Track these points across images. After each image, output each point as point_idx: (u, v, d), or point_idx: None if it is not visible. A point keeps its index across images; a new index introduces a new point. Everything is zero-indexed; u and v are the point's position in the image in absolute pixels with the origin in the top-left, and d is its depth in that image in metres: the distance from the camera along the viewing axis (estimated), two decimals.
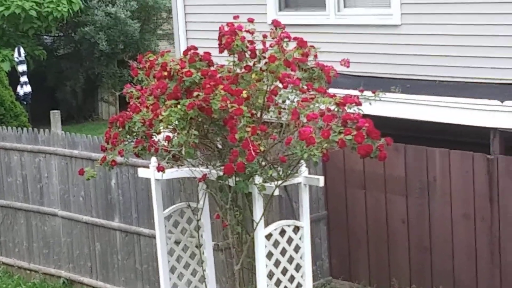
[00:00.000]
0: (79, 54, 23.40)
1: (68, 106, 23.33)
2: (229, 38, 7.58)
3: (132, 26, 22.85)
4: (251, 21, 7.63)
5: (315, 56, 7.88)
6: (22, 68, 19.25)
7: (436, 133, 10.23)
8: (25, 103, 18.23)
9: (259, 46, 7.68)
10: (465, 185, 9.40)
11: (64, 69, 23.44)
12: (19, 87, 18.93)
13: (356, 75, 10.73)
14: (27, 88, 19.05)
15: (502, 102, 9.29)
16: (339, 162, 10.24)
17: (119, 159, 7.98)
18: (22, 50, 19.45)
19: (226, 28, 7.64)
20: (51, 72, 23.31)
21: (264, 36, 7.66)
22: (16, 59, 19.33)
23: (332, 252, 10.61)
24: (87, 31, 22.48)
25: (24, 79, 19.15)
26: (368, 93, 7.60)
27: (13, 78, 17.71)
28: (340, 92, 7.83)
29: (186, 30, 13.31)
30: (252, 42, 7.62)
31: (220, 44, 7.58)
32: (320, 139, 7.00)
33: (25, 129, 11.54)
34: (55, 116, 11.19)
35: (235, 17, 7.61)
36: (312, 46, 7.89)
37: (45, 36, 23.87)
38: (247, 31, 7.66)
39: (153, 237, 9.55)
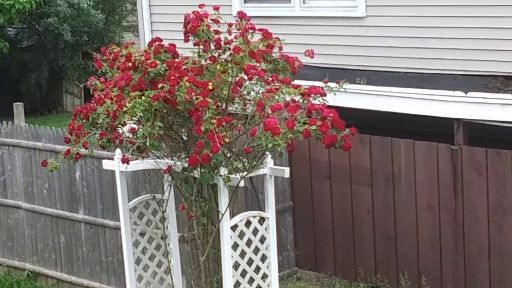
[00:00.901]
0: (43, 45, 23.20)
1: (32, 98, 23.13)
2: (194, 23, 7.53)
3: (96, 16, 22.68)
4: (216, 8, 7.59)
5: (280, 48, 7.87)
6: None
7: (401, 124, 10.27)
8: None
9: (224, 36, 7.65)
10: (430, 175, 9.47)
11: (27, 61, 23.22)
12: None
13: (321, 67, 10.77)
14: None
15: (466, 93, 9.36)
16: (304, 153, 10.27)
17: (83, 151, 7.92)
18: None
19: (191, 16, 7.60)
20: (14, 64, 23.09)
21: (230, 25, 7.64)
22: None
23: (298, 242, 10.65)
24: (50, 22, 22.28)
25: None
26: (333, 85, 7.61)
27: None
28: (305, 83, 7.83)
29: (151, 22, 13.24)
30: (217, 32, 7.59)
31: (185, 32, 7.52)
32: (284, 129, 7.00)
33: None
34: (18, 108, 11.11)
35: (201, 6, 7.56)
36: (277, 38, 7.88)
37: (8, 28, 23.63)
38: (213, 20, 7.62)
39: (118, 229, 9.51)
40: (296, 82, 7.84)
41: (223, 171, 7.31)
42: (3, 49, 21.31)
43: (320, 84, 7.61)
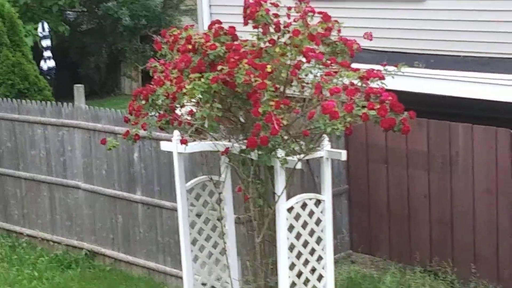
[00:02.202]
0: (102, 29, 23.48)
1: (91, 81, 23.43)
2: (253, 8, 7.57)
3: (154, 0, 22.85)
4: None
5: (339, 31, 7.86)
6: (46, 43, 19.34)
7: (460, 108, 10.20)
8: (48, 77, 18.31)
9: (283, 20, 7.67)
10: (488, 160, 9.38)
11: (87, 45, 23.52)
12: (42, 62, 19.03)
13: (379, 50, 10.73)
14: (51, 63, 19.16)
15: None
16: (361, 136, 10.25)
17: (142, 132, 8.01)
18: (46, 25, 19.53)
19: (251, 0, 7.64)
20: (74, 48, 23.41)
21: (289, 8, 7.66)
22: (40, 34, 19.42)
23: (353, 226, 10.65)
24: (109, 6, 22.53)
25: (47, 54, 19.25)
26: (391, 68, 7.58)
27: (36, 53, 17.78)
28: (363, 66, 7.81)
29: (210, 5, 13.31)
30: (276, 15, 7.61)
31: (245, 16, 7.57)
32: (343, 113, 7.00)
33: (49, 102, 11.62)
34: (79, 90, 11.26)
35: None
36: (336, 21, 7.87)
37: (68, 12, 23.94)
38: (272, 3, 7.65)
39: (175, 210, 9.60)
40: (354, 65, 7.83)
41: (281, 153, 7.33)
42: (64, 32, 21.62)
43: (378, 67, 7.60)
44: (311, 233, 7.80)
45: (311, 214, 7.79)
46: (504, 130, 9.28)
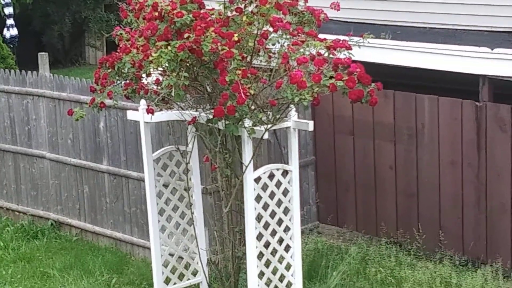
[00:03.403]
0: None
1: (55, 50, 23.20)
2: None
3: None
4: None
5: (305, 1, 7.83)
6: (8, 10, 19.07)
7: (425, 80, 10.25)
8: (11, 46, 18.09)
9: None
10: (453, 132, 9.44)
11: (50, 13, 23.25)
12: (5, 30, 18.78)
13: (345, 21, 10.71)
14: (14, 31, 18.90)
15: (492, 49, 9.29)
16: (327, 108, 10.26)
17: (108, 101, 7.93)
18: None
19: None
20: (37, 16, 23.13)
21: None
22: (2, 2, 19.14)
23: (319, 197, 10.69)
24: None
25: (10, 22, 18.98)
26: (357, 38, 7.57)
27: None
28: (330, 37, 7.78)
29: None
30: None
31: None
32: (311, 83, 6.98)
33: (12, 71, 11.47)
34: (43, 58, 11.15)
35: None
36: None
37: None
38: None
39: (142, 180, 9.59)
40: (321, 35, 7.81)
41: (248, 123, 7.31)
42: (27, 0, 21.33)
43: (345, 38, 7.58)
44: (279, 203, 7.81)
45: (278, 184, 7.79)
46: (469, 102, 9.33)
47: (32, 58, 15.37)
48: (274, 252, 7.84)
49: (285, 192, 7.84)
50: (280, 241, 7.87)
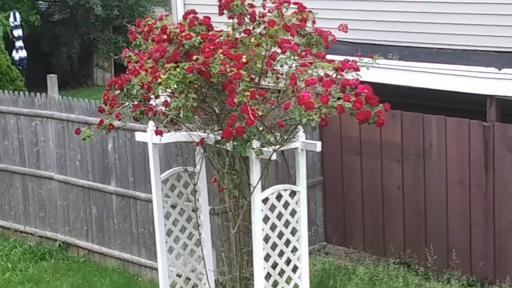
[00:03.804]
0: (74, 19, 23.34)
1: (63, 71, 23.29)
2: None
3: None
4: None
5: (313, 22, 7.87)
6: (17, 33, 19.19)
7: (433, 100, 10.25)
8: (20, 67, 18.18)
9: (258, 10, 7.66)
10: (461, 152, 9.44)
11: (59, 35, 23.37)
12: (14, 52, 18.89)
13: (353, 42, 10.74)
14: (23, 53, 19.02)
15: (499, 69, 9.31)
16: (335, 128, 10.27)
17: (116, 123, 7.97)
18: (17, 15, 19.38)
19: None
20: (46, 38, 23.24)
21: (264, 0, 7.65)
22: (11, 24, 19.26)
23: (327, 217, 10.68)
24: None
25: (19, 44, 19.10)
26: (365, 59, 7.60)
27: (8, 43, 17.65)
28: (338, 58, 7.82)
29: None
30: (252, 5, 7.60)
31: (220, 5, 7.56)
32: (318, 104, 7.02)
33: (21, 93, 11.53)
34: (52, 80, 11.21)
35: None
36: (310, 11, 7.87)
37: (40, 1, 23.77)
38: None
39: (149, 201, 9.60)
40: (329, 57, 7.84)
41: (256, 144, 7.33)
42: (35, 22, 21.44)
43: (353, 59, 7.61)
44: (286, 224, 7.82)
45: (286, 205, 7.80)
46: (476, 122, 9.34)
47: (41, 79, 15.46)
48: (281, 272, 7.84)
49: (293, 213, 7.85)
50: (288, 261, 7.87)
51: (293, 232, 7.87)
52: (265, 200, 7.64)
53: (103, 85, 23.69)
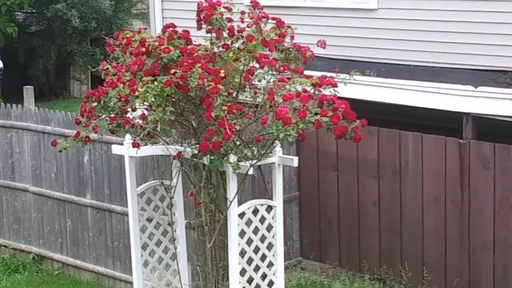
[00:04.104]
0: (51, 31, 23.23)
1: (39, 83, 23.15)
2: (208, 11, 7.56)
3: (104, 3, 22.72)
4: None
5: (292, 37, 7.90)
6: None
7: (410, 117, 10.29)
8: None
9: (236, 24, 7.67)
10: (437, 169, 9.49)
11: (36, 46, 23.24)
12: None
13: (331, 58, 10.78)
14: None
15: (475, 87, 9.37)
16: (312, 144, 10.29)
17: (93, 135, 7.94)
18: None
19: (204, 4, 7.63)
20: (22, 49, 23.11)
21: (242, 13, 7.66)
22: None
23: (303, 232, 10.68)
24: (59, 8, 22.30)
25: None
26: (343, 75, 7.63)
27: None
28: (315, 74, 7.84)
29: (162, 9, 13.26)
30: (230, 20, 7.61)
31: (198, 20, 7.56)
32: (296, 119, 7.03)
33: None
34: (28, 91, 11.14)
35: None
36: (289, 27, 7.90)
37: (17, 13, 23.65)
38: (225, 7, 7.65)
39: (125, 214, 9.57)
40: (307, 72, 7.86)
41: (233, 158, 7.33)
42: (12, 33, 21.33)
43: (330, 74, 7.63)
44: (262, 239, 7.81)
45: (262, 220, 7.80)
46: (453, 139, 9.39)
47: (17, 91, 15.38)
48: (257, 287, 7.83)
49: (269, 228, 7.85)
50: (264, 276, 7.86)
51: (269, 247, 7.87)
52: (241, 215, 7.63)
53: (79, 97, 23.58)
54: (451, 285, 9.48)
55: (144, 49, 7.49)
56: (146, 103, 7.47)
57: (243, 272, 7.70)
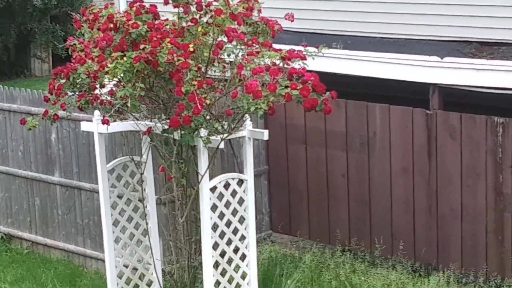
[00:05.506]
0: (11, 9, 22.93)
1: (0, 62, 22.90)
2: None
3: None
4: None
5: (259, 11, 7.89)
6: None
7: (377, 89, 10.35)
8: None
9: None
10: (404, 140, 9.56)
11: None
12: None
13: (297, 31, 10.77)
14: None
15: (441, 58, 9.44)
16: (280, 117, 10.31)
17: (61, 113, 7.89)
18: None
19: None
20: None
21: None
22: None
23: (272, 206, 10.73)
24: None
25: None
26: (311, 49, 7.65)
27: None
28: (283, 47, 7.84)
29: None
30: None
31: None
32: (266, 92, 7.04)
33: None
34: None
35: None
36: (256, 1, 7.89)
37: None
38: None
39: (94, 191, 9.54)
40: (274, 46, 7.85)
41: (204, 132, 7.34)
42: None
43: (298, 48, 7.64)
44: (234, 212, 7.85)
45: (234, 194, 7.83)
46: (420, 110, 9.47)
47: None
48: (230, 261, 7.87)
49: (241, 201, 7.88)
50: (236, 250, 7.90)
51: (241, 220, 7.91)
52: (213, 189, 7.65)
53: (40, 76, 23.38)
54: (419, 254, 9.59)
55: (112, 25, 7.45)
56: (115, 79, 7.43)
57: (215, 246, 7.73)
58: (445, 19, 10.25)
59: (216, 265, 7.77)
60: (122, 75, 7.27)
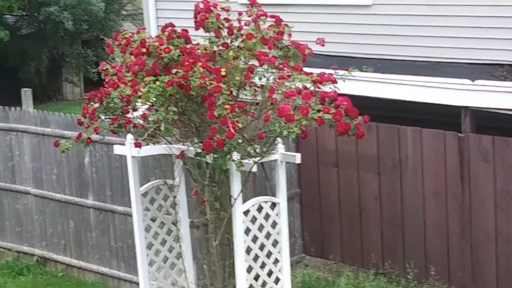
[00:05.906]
0: (43, 33, 23.18)
1: (32, 86, 23.04)
2: (203, 15, 7.61)
3: (97, 5, 22.72)
4: None
5: (289, 35, 7.94)
6: None
7: (408, 112, 10.34)
8: None
9: (235, 24, 7.71)
10: (437, 163, 9.53)
11: (27, 49, 23.20)
12: None
13: (328, 55, 10.81)
14: None
15: (473, 81, 9.43)
16: (311, 140, 10.32)
17: (94, 136, 7.98)
18: None
19: (201, 6, 7.67)
20: (13, 52, 23.06)
21: (240, 14, 7.71)
22: None
23: (305, 229, 10.72)
24: (51, 11, 22.28)
25: None
26: (341, 72, 7.67)
27: None
28: (313, 71, 7.88)
29: (157, 9, 13.28)
30: (228, 20, 7.65)
31: (195, 21, 7.61)
32: (299, 116, 7.08)
33: None
34: (27, 94, 11.16)
35: None
36: (286, 25, 7.95)
37: (7, 16, 23.60)
38: (222, 9, 7.70)
39: (128, 214, 9.60)
40: (305, 69, 7.89)
41: (236, 156, 7.37)
42: (4, 38, 21.27)
43: (329, 71, 7.67)
44: (267, 236, 7.86)
45: (267, 217, 7.85)
46: (452, 133, 9.44)
47: (8, 94, 15.37)
48: (264, 284, 7.88)
49: (274, 225, 7.90)
50: (270, 273, 7.91)
51: (274, 243, 7.92)
52: (246, 212, 7.68)
53: (72, 100, 23.59)
54: (454, 278, 9.54)
55: (144, 50, 7.53)
56: (147, 103, 7.51)
57: (249, 269, 7.75)
58: (476, 42, 10.25)
59: None
60: (154, 99, 7.34)
